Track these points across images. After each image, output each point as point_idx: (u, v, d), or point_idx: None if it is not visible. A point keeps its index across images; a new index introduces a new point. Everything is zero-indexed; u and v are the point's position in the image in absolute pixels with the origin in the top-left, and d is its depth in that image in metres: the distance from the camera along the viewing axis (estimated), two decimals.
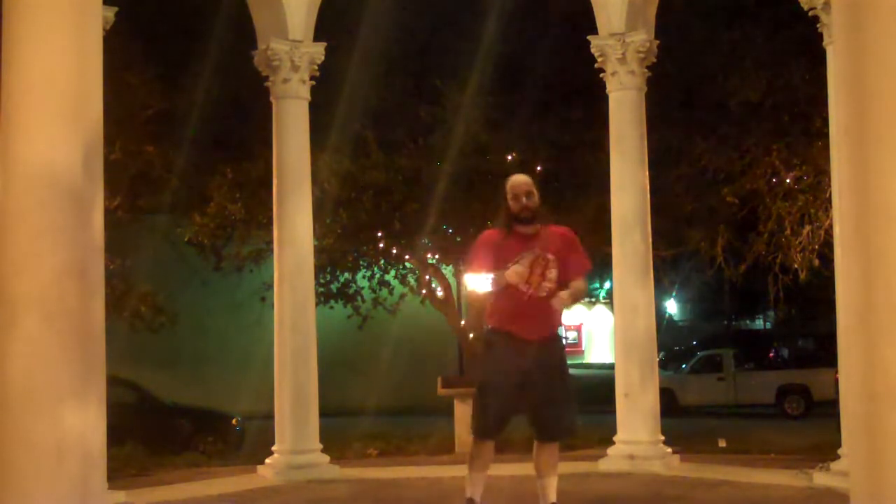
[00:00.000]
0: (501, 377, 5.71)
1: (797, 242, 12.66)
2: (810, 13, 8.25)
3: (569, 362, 6.27)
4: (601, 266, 14.51)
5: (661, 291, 20.65)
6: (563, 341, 6.10)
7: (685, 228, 14.78)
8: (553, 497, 6.01)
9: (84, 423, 4.74)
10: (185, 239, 15.14)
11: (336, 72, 11.60)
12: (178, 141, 14.06)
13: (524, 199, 5.79)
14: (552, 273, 5.71)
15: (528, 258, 5.70)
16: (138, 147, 12.51)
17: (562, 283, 5.79)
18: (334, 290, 15.35)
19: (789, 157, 12.76)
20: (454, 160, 13.63)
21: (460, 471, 9.35)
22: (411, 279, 15.71)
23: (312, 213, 9.69)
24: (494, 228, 6.11)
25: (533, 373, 5.69)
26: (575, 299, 5.90)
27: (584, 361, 41.79)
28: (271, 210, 9.70)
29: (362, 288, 15.62)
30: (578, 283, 5.86)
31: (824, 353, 22.20)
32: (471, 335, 15.33)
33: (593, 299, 34.53)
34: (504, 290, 5.68)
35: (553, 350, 5.88)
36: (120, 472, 9.33)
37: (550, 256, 5.73)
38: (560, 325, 6.01)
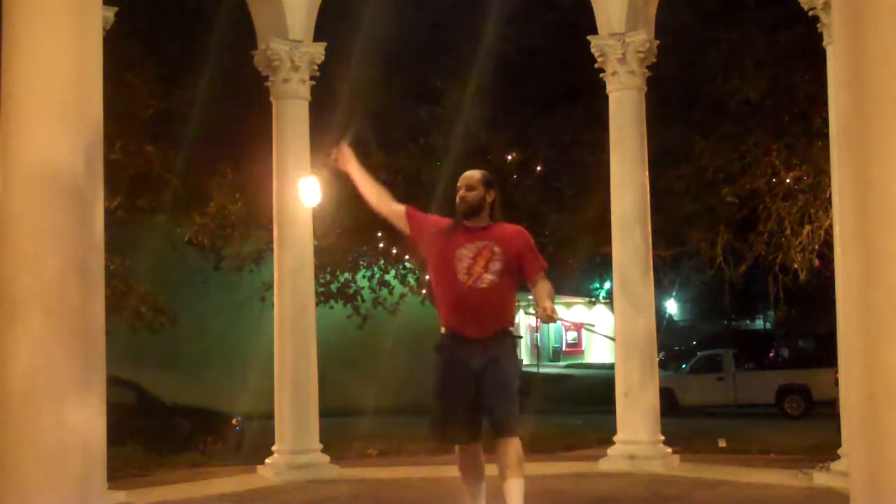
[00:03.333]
0: (455, 378, 5.44)
1: (797, 242, 12.66)
2: (810, 13, 8.26)
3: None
4: (601, 266, 14.52)
5: (661, 291, 20.64)
6: (515, 339, 5.65)
7: (685, 228, 14.78)
8: None
9: (85, 420, 4.74)
10: (185, 239, 15.14)
11: (336, 72, 11.59)
12: (178, 141, 14.05)
13: (462, 191, 5.55)
14: (496, 266, 5.39)
15: (472, 248, 5.42)
16: (138, 147, 12.50)
17: (515, 283, 5.54)
18: (334, 290, 15.37)
19: (789, 157, 12.77)
20: (454, 160, 13.63)
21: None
22: (411, 279, 15.71)
23: (312, 213, 9.69)
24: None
25: (481, 371, 5.36)
26: (551, 298, 5.47)
27: (584, 361, 41.79)
28: (271, 210, 9.71)
29: (362, 288, 15.63)
30: (544, 284, 5.53)
31: (824, 353, 22.19)
32: None
33: (593, 299, 34.52)
34: (443, 282, 5.49)
35: (498, 346, 5.44)
36: (120, 472, 9.32)
37: (497, 249, 5.43)
38: (511, 322, 5.62)
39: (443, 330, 5.59)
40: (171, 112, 13.55)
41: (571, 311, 43.46)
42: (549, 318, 5.36)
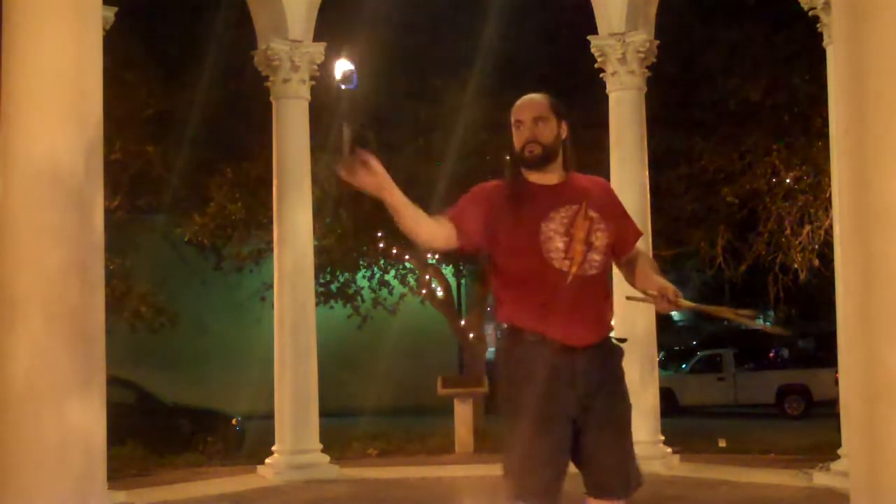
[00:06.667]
0: (555, 407, 3.54)
1: (797, 242, 12.65)
2: (810, 13, 8.27)
3: None
4: None
5: None
6: (622, 347, 3.75)
7: (685, 228, 14.77)
8: None
9: (86, 420, 4.75)
10: (185, 239, 15.13)
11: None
12: (178, 141, 14.03)
13: (528, 124, 3.63)
14: (600, 238, 3.62)
15: (561, 218, 3.58)
16: (138, 147, 12.52)
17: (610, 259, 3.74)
18: (334, 290, 15.36)
19: (789, 157, 12.76)
20: (454, 160, 13.61)
21: (460, 471, 9.38)
22: (411, 279, 15.71)
23: (312, 213, 9.70)
24: (500, 180, 3.79)
25: (586, 398, 3.57)
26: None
27: None
28: (271, 210, 9.71)
29: (362, 288, 15.62)
30: (648, 257, 3.98)
31: (824, 353, 22.19)
32: (471, 335, 15.33)
33: None
34: (528, 273, 3.57)
35: (611, 362, 3.69)
36: (120, 472, 9.33)
37: (594, 214, 3.62)
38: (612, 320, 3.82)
39: (508, 326, 3.66)
40: (171, 112, 13.55)
41: None
42: (675, 304, 3.62)
